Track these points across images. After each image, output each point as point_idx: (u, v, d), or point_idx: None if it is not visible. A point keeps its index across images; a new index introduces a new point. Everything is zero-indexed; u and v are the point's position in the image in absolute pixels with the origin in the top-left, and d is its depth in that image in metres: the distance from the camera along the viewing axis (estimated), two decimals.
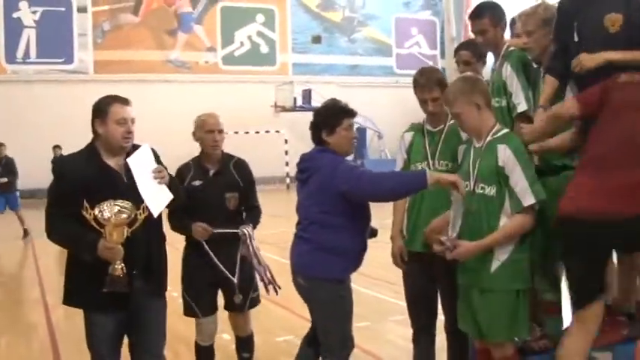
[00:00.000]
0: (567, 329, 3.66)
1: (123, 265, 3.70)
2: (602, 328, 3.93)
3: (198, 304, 4.92)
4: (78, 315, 4.05)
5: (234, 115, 26.06)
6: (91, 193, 3.66)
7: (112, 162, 3.89)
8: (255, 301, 5.11)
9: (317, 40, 30.55)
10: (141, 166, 3.88)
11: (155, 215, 3.85)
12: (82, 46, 26.54)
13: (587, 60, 3.63)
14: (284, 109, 27.62)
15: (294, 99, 27.41)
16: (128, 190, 3.76)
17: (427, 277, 4.45)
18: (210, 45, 28.53)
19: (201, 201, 4.80)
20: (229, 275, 4.84)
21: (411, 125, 4.65)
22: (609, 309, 4.03)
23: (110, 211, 3.65)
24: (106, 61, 26.34)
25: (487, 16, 4.62)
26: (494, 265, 3.72)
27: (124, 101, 3.94)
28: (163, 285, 4.11)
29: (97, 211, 3.62)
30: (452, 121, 4.31)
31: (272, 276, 4.94)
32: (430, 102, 4.32)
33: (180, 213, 4.71)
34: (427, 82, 4.34)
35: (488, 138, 3.83)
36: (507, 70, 4.48)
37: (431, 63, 31.86)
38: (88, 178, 3.76)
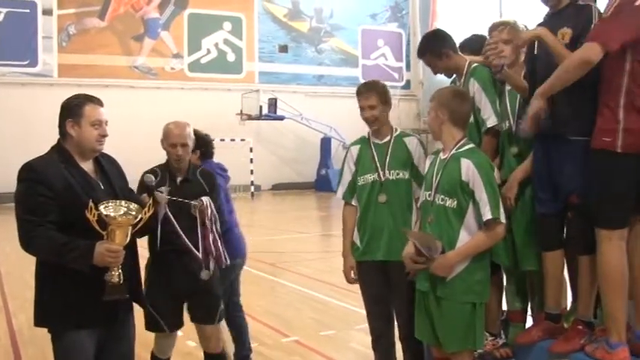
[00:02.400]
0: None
1: (120, 271, 3.49)
2: (562, 336, 4.08)
3: (164, 318, 4.67)
4: None
5: (200, 122, 25.72)
6: (69, 198, 3.48)
7: (85, 166, 3.71)
8: (223, 314, 4.92)
9: (284, 49, 30.61)
10: None
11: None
12: (47, 49, 26.23)
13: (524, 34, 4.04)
14: (250, 118, 27.61)
15: (260, 107, 27.41)
16: (106, 195, 3.61)
17: (383, 286, 4.59)
18: (177, 52, 28.41)
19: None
20: (193, 249, 4.58)
21: (358, 139, 4.80)
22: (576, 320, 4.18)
23: (116, 211, 3.46)
24: (70, 64, 26.07)
25: (427, 52, 4.80)
26: (451, 275, 3.83)
27: (98, 101, 3.78)
28: (143, 296, 4.03)
29: (102, 209, 3.41)
30: (397, 133, 4.59)
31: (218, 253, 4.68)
32: (367, 109, 4.55)
33: None
34: (366, 89, 4.58)
35: (453, 151, 3.93)
36: (474, 86, 4.59)
37: (396, 75, 32.28)
38: (68, 183, 3.55)
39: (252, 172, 26.46)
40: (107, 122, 3.76)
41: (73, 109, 3.69)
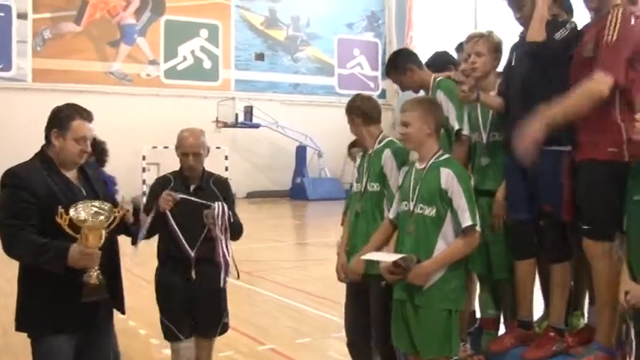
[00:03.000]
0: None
1: (98, 271, 3.50)
2: (534, 343, 4.17)
3: (178, 327, 4.66)
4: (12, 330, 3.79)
5: (175, 129, 25.47)
6: (53, 205, 3.46)
7: (68, 174, 3.73)
8: (226, 327, 4.94)
9: (260, 57, 30.64)
10: None
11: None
12: (21, 54, 26.03)
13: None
14: (225, 125, 27.57)
15: (236, 115, 27.40)
16: (83, 196, 3.64)
17: (360, 294, 4.66)
18: (153, 58, 28.34)
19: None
20: (188, 249, 4.56)
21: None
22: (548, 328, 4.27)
23: (87, 212, 3.47)
24: (45, 69, 25.90)
25: (392, 70, 4.99)
26: (427, 284, 3.89)
27: (87, 116, 3.76)
28: (123, 302, 3.99)
29: (72, 212, 3.42)
30: (379, 145, 4.65)
31: (233, 261, 4.73)
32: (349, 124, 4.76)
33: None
34: (347, 107, 4.78)
35: (431, 161, 4.01)
36: (441, 96, 4.72)
37: (372, 84, 32.41)
38: (51, 190, 3.58)
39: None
40: (92, 136, 3.81)
41: (60, 120, 3.70)
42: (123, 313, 4.05)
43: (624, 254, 3.50)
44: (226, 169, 26.40)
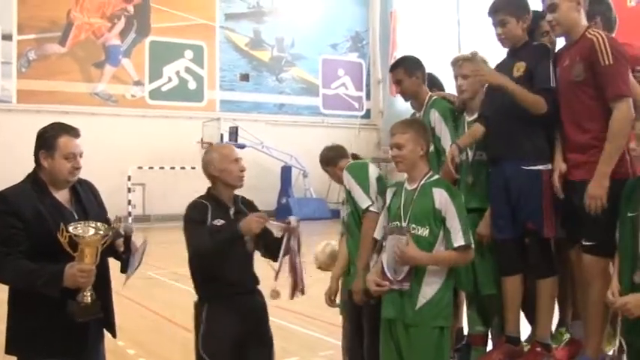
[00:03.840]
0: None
1: (92, 291, 3.47)
2: (521, 359, 4.23)
3: None
4: None
5: (160, 150, 25.96)
6: (39, 228, 3.48)
7: (59, 196, 3.69)
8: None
9: (245, 77, 30.70)
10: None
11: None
12: (6, 75, 25.95)
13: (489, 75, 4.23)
14: (210, 146, 27.50)
15: (221, 136, 27.38)
16: (74, 219, 3.59)
17: (358, 315, 4.69)
18: (138, 79, 28.33)
19: None
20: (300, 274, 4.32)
21: None
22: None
23: (84, 231, 3.46)
24: (30, 90, 25.81)
25: (402, 66, 5.00)
26: (420, 302, 3.91)
27: (73, 133, 3.71)
28: (114, 324, 3.95)
29: (71, 229, 3.41)
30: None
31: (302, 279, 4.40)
32: None
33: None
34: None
35: (422, 181, 4.05)
36: (435, 116, 4.79)
37: (356, 104, 32.54)
38: (40, 214, 3.53)
39: None
40: (82, 153, 3.72)
41: (46, 140, 3.67)
42: (114, 336, 4.00)
43: (615, 267, 3.60)
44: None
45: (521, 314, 4.52)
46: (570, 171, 4.06)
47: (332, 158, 4.96)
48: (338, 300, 4.86)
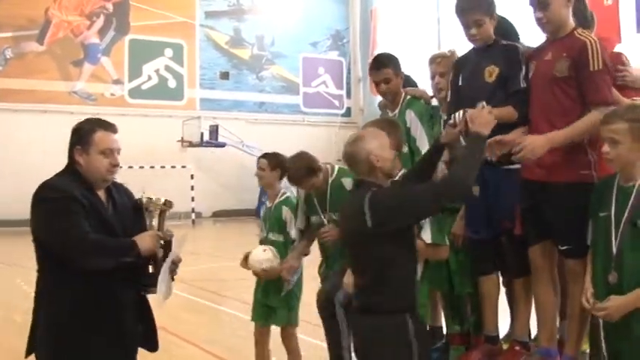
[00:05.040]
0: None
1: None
2: (500, 357, 4.24)
3: None
4: None
5: (141, 149, 25.76)
6: (93, 220, 3.34)
7: (100, 195, 3.51)
8: None
9: (225, 76, 30.62)
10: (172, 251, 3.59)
11: (163, 300, 3.53)
12: None
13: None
14: (191, 145, 27.50)
15: (201, 134, 27.30)
16: (113, 222, 3.45)
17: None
18: (117, 77, 28.16)
19: None
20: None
21: None
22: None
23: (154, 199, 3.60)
24: (7, 89, 25.54)
25: (391, 66, 4.98)
26: None
27: (110, 127, 3.55)
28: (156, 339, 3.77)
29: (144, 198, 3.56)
30: (334, 177, 4.90)
31: None
32: None
33: None
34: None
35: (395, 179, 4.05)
36: (411, 116, 4.79)
37: (337, 102, 32.55)
38: (84, 204, 3.34)
39: (192, 199, 26.35)
40: (119, 150, 3.55)
41: (82, 136, 3.50)
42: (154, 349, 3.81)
43: (590, 265, 3.60)
44: (192, 188, 26.36)
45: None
46: (535, 171, 4.03)
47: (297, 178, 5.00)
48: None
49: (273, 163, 5.63)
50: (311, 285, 5.41)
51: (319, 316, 4.86)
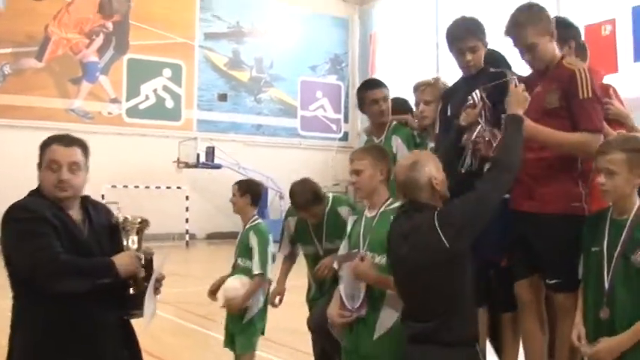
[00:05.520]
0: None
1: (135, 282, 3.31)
2: None
3: None
4: None
5: (136, 168, 25.75)
6: (64, 241, 3.16)
7: (72, 213, 3.32)
8: None
9: (223, 97, 30.60)
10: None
11: (149, 321, 3.38)
12: None
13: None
14: (187, 166, 27.41)
15: (198, 155, 27.26)
16: (90, 242, 3.29)
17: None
18: (115, 96, 28.11)
19: None
20: None
21: None
22: None
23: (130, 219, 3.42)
24: (4, 105, 25.45)
25: (385, 86, 5.02)
26: (378, 332, 3.83)
27: (66, 141, 3.30)
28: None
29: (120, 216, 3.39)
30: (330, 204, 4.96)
31: None
32: None
33: None
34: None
35: (382, 209, 3.98)
36: (397, 142, 4.76)
37: (334, 126, 32.57)
38: (55, 225, 3.17)
39: (187, 220, 26.20)
40: (77, 164, 3.30)
41: (40, 152, 3.33)
42: None
43: (581, 301, 3.54)
44: (187, 209, 26.22)
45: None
46: (525, 203, 3.98)
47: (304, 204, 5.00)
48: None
49: (243, 189, 5.70)
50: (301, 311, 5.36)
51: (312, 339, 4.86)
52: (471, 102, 3.91)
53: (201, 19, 30.22)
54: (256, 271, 5.45)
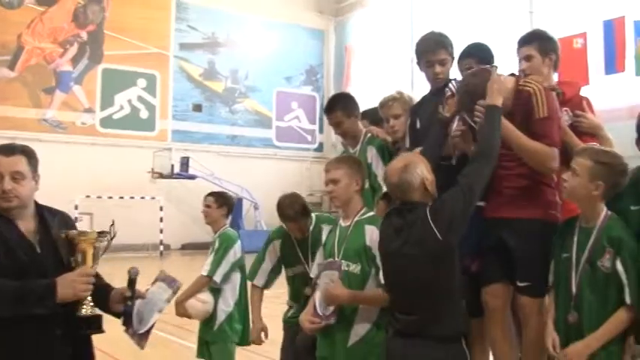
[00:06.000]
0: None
1: (91, 302, 3.09)
2: None
3: None
4: None
5: (110, 179, 25.61)
6: (5, 255, 3.02)
7: (23, 227, 3.17)
8: None
9: (198, 108, 30.58)
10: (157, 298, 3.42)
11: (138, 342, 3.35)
12: None
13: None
14: (161, 176, 27.34)
15: (172, 166, 27.22)
16: (38, 260, 3.11)
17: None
18: (89, 106, 27.97)
19: None
20: None
21: None
22: None
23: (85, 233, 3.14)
24: None
25: (339, 109, 5.03)
26: (352, 339, 3.89)
27: (6, 150, 3.18)
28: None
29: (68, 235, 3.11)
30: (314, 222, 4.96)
31: None
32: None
33: None
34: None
35: (356, 218, 4.04)
36: (372, 153, 4.81)
37: (309, 137, 32.66)
38: (3, 238, 3.05)
39: (161, 230, 26.10)
40: (21, 174, 3.16)
41: None
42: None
43: (551, 307, 3.68)
44: (161, 220, 26.12)
45: None
46: (498, 208, 4.06)
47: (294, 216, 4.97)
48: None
49: (220, 201, 5.75)
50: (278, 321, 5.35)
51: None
52: (449, 93, 4.00)
53: (176, 29, 30.22)
54: (203, 272, 5.51)
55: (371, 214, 4.10)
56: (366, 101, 5.34)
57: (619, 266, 3.33)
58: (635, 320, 3.31)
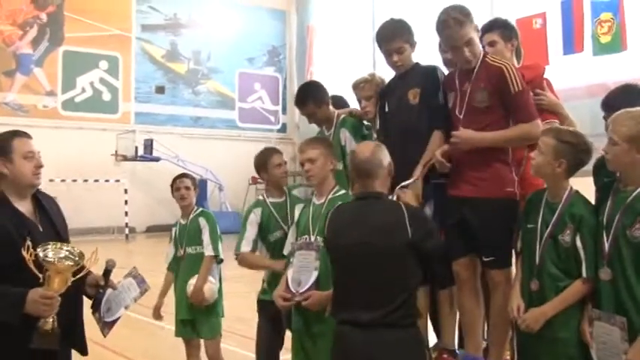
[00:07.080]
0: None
1: (55, 318, 3.16)
2: None
3: None
4: None
5: (74, 162, 25.39)
6: (7, 244, 3.19)
7: (22, 207, 3.42)
8: None
9: (160, 90, 30.37)
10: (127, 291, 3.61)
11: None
12: None
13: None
14: (125, 159, 27.19)
15: (136, 148, 27.08)
16: (45, 238, 3.30)
17: (273, 327, 4.83)
18: (50, 89, 27.66)
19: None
20: None
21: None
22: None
23: (55, 254, 3.17)
24: None
25: (310, 101, 5.18)
26: (329, 310, 4.03)
27: (25, 134, 3.56)
28: (84, 343, 3.65)
29: (40, 252, 3.13)
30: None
31: None
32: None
33: None
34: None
35: (330, 196, 4.24)
36: (345, 134, 4.98)
37: (272, 118, 32.64)
38: (4, 227, 3.25)
39: (126, 213, 26.02)
40: (40, 153, 3.55)
41: (1, 147, 3.47)
42: (84, 353, 3.71)
43: (517, 278, 3.89)
44: (126, 202, 26.04)
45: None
46: (463, 188, 4.28)
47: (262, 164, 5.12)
48: None
49: (194, 183, 6.00)
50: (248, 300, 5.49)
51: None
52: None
53: (137, 10, 29.92)
54: (209, 252, 5.66)
55: (343, 192, 4.31)
56: (330, 82, 5.46)
57: (578, 242, 3.55)
58: (591, 291, 3.53)
